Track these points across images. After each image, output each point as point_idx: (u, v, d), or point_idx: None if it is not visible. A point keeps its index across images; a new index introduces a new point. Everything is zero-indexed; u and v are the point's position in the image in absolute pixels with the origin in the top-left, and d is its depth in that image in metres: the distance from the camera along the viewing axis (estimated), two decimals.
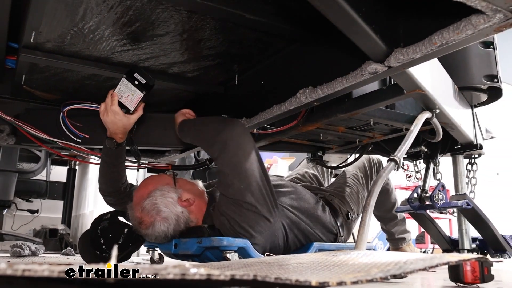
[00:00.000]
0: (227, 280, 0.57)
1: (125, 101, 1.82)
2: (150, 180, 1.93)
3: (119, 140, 1.93)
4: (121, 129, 1.89)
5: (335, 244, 2.11)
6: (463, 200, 2.11)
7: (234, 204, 1.72)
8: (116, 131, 1.89)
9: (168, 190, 1.86)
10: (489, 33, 1.01)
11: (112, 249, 1.99)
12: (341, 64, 1.43)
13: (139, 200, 1.85)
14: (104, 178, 2.07)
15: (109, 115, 1.82)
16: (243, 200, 1.71)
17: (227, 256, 1.74)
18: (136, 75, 1.77)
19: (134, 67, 1.80)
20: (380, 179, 1.52)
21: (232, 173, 1.71)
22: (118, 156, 2.00)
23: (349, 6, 1.03)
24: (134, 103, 1.82)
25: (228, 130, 1.72)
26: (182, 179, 2.00)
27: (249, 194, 1.71)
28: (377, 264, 0.78)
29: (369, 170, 2.60)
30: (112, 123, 1.85)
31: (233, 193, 1.71)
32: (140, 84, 1.78)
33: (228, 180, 1.71)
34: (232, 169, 1.71)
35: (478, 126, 2.25)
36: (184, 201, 1.86)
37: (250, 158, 1.72)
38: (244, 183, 1.70)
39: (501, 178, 8.30)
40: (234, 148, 1.70)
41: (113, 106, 1.80)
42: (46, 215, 5.88)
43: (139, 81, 1.77)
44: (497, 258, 2.30)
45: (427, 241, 5.62)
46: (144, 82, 1.78)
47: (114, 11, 1.43)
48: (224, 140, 1.70)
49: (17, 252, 3.35)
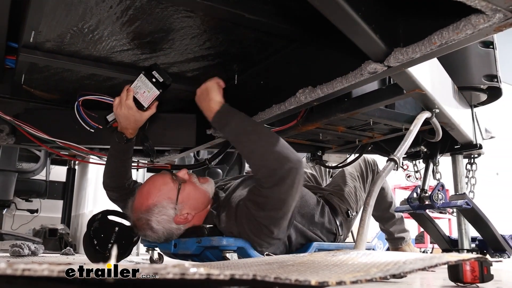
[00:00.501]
0: (226, 279, 0.57)
1: (140, 97, 1.81)
2: (153, 189, 1.86)
3: (129, 135, 1.92)
4: (133, 125, 1.87)
5: (335, 244, 2.11)
6: (462, 200, 2.11)
7: (256, 223, 1.71)
8: (127, 126, 1.87)
9: (167, 206, 1.82)
10: (488, 32, 1.01)
11: (105, 248, 2.01)
12: (340, 64, 1.43)
13: (138, 208, 1.85)
14: (109, 173, 2.06)
15: (123, 109, 1.81)
16: (267, 227, 1.70)
17: (226, 255, 1.74)
18: (155, 72, 1.76)
19: (154, 64, 1.78)
20: (379, 179, 1.52)
21: (273, 205, 1.67)
22: (125, 151, 1.98)
23: (349, 6, 1.03)
24: (149, 101, 1.81)
25: (294, 168, 1.62)
26: (190, 186, 1.90)
27: (276, 227, 1.72)
28: (377, 263, 0.78)
29: (364, 170, 2.62)
30: (125, 117, 1.84)
31: (263, 217, 1.69)
32: (157, 82, 1.77)
33: (265, 206, 1.67)
34: (275, 202, 1.66)
35: (477, 126, 2.25)
36: (182, 216, 1.84)
37: (295, 198, 1.70)
38: (279, 217, 1.70)
39: (501, 178, 8.30)
40: (288, 188, 1.63)
41: (127, 100, 1.79)
42: (46, 215, 5.88)
43: (156, 79, 1.76)
44: (497, 258, 2.31)
45: (427, 241, 5.62)
46: (161, 81, 1.76)
47: (113, 11, 1.43)
48: (284, 175, 1.60)
49: (17, 251, 3.36)
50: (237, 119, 1.71)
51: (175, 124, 2.27)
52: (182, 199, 1.85)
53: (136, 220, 1.85)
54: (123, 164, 2.03)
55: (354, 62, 1.33)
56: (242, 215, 1.75)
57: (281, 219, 1.71)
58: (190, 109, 2.25)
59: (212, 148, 2.48)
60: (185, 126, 2.27)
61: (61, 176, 5.87)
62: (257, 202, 1.69)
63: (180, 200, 1.84)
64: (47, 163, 5.26)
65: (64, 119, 2.22)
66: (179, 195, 1.85)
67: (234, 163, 4.57)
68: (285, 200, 1.66)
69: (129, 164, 2.07)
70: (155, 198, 1.82)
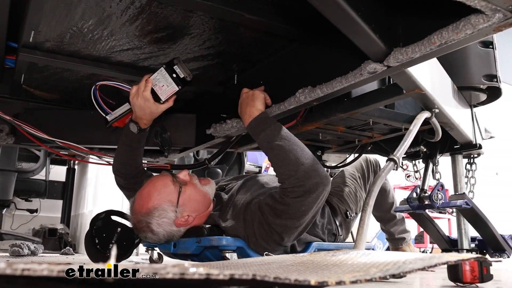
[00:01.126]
0: (226, 279, 0.57)
1: (158, 90, 1.75)
2: (154, 191, 1.83)
3: (142, 125, 1.88)
4: (148, 116, 1.83)
5: (334, 244, 2.11)
6: (462, 200, 2.11)
7: (267, 229, 1.71)
8: (142, 116, 1.83)
9: (168, 209, 1.80)
10: (488, 32, 1.01)
11: (106, 248, 2.00)
12: (340, 64, 1.43)
13: (138, 210, 1.83)
14: (119, 160, 2.04)
15: (139, 99, 1.76)
16: (280, 234, 1.71)
17: (226, 255, 1.74)
18: (176, 67, 1.69)
19: (176, 58, 1.71)
20: (379, 179, 1.52)
21: (292, 214, 1.67)
22: (138, 141, 1.95)
23: (349, 6, 1.03)
24: (167, 95, 1.75)
25: (321, 184, 1.64)
26: (191, 188, 1.88)
27: (289, 235, 1.73)
28: (376, 263, 0.78)
29: (366, 170, 2.61)
30: (140, 108, 1.79)
31: (277, 224, 1.70)
32: (177, 78, 1.70)
33: (283, 215, 1.68)
34: (295, 212, 1.67)
35: (477, 125, 2.25)
36: (182, 218, 1.83)
37: (314, 214, 1.73)
38: (295, 226, 1.71)
39: (500, 178, 8.31)
40: (311, 201, 1.65)
41: (145, 92, 1.74)
42: (45, 215, 5.88)
43: (177, 74, 1.70)
44: (496, 258, 2.31)
45: (426, 240, 5.63)
46: (182, 76, 1.70)
47: (113, 11, 1.43)
48: (311, 188, 1.63)
49: (16, 251, 3.36)
50: (273, 128, 1.70)
51: (174, 124, 2.26)
52: (182, 202, 1.83)
53: (136, 222, 1.84)
54: (134, 152, 2.00)
55: (353, 62, 1.33)
56: (254, 218, 1.74)
57: (295, 229, 1.73)
58: (190, 109, 2.25)
59: (211, 148, 2.48)
60: (185, 126, 2.27)
61: (61, 176, 5.86)
62: (276, 209, 1.69)
63: (180, 202, 1.82)
64: (47, 162, 5.25)
65: (64, 118, 2.22)
66: (180, 198, 1.83)
67: (234, 162, 4.56)
68: (305, 212, 1.67)
69: (141, 153, 2.04)
70: (156, 201, 1.80)
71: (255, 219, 1.74)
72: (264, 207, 1.72)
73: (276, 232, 1.70)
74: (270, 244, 1.75)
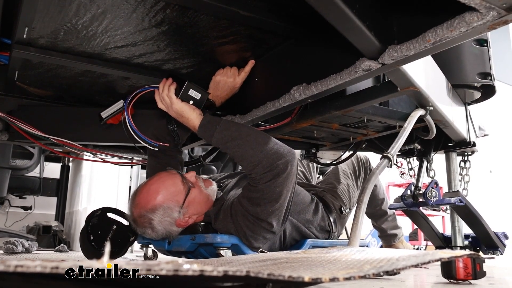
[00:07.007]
0: (220, 276, 0.57)
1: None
2: (162, 188, 1.80)
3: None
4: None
5: (329, 241, 2.12)
6: (456, 197, 2.13)
7: (252, 220, 1.72)
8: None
9: (173, 209, 1.78)
10: (482, 30, 1.02)
11: (101, 245, 1.99)
12: (335, 61, 1.43)
13: (142, 204, 1.79)
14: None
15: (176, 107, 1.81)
16: (266, 220, 1.72)
17: (220, 252, 1.74)
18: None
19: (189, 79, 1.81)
20: (373, 176, 1.53)
21: (269, 198, 1.69)
22: None
23: (343, 3, 1.03)
24: None
25: (286, 161, 1.67)
26: (196, 191, 1.87)
27: (275, 218, 1.73)
28: (370, 260, 0.79)
29: (357, 167, 2.63)
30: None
31: (259, 212, 1.70)
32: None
33: (261, 201, 1.69)
34: (271, 195, 1.68)
35: (471, 123, 2.26)
36: (184, 219, 1.82)
37: (290, 188, 1.73)
38: (275, 208, 1.71)
39: (494, 176, 8.34)
40: (283, 180, 1.67)
41: (174, 104, 1.79)
42: (40, 212, 5.87)
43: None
44: (489, 255, 2.32)
45: (420, 238, 5.66)
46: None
47: (107, 7, 1.42)
48: (278, 170, 1.66)
49: (10, 248, 3.35)
50: (220, 128, 1.72)
51: None
52: (188, 203, 1.82)
53: (137, 216, 1.80)
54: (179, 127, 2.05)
55: (348, 60, 1.33)
56: (237, 212, 1.75)
57: (278, 211, 1.73)
58: None
59: (206, 145, 2.47)
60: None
61: (55, 173, 5.85)
62: (252, 198, 1.70)
63: (186, 204, 1.81)
64: (41, 160, 5.24)
65: (58, 115, 2.21)
66: (186, 199, 1.81)
67: (229, 160, 4.57)
68: (280, 192, 1.69)
69: (187, 131, 2.07)
70: (163, 199, 1.78)
71: (238, 213, 1.75)
72: (242, 200, 1.74)
73: (262, 220, 1.71)
74: (260, 233, 1.75)
